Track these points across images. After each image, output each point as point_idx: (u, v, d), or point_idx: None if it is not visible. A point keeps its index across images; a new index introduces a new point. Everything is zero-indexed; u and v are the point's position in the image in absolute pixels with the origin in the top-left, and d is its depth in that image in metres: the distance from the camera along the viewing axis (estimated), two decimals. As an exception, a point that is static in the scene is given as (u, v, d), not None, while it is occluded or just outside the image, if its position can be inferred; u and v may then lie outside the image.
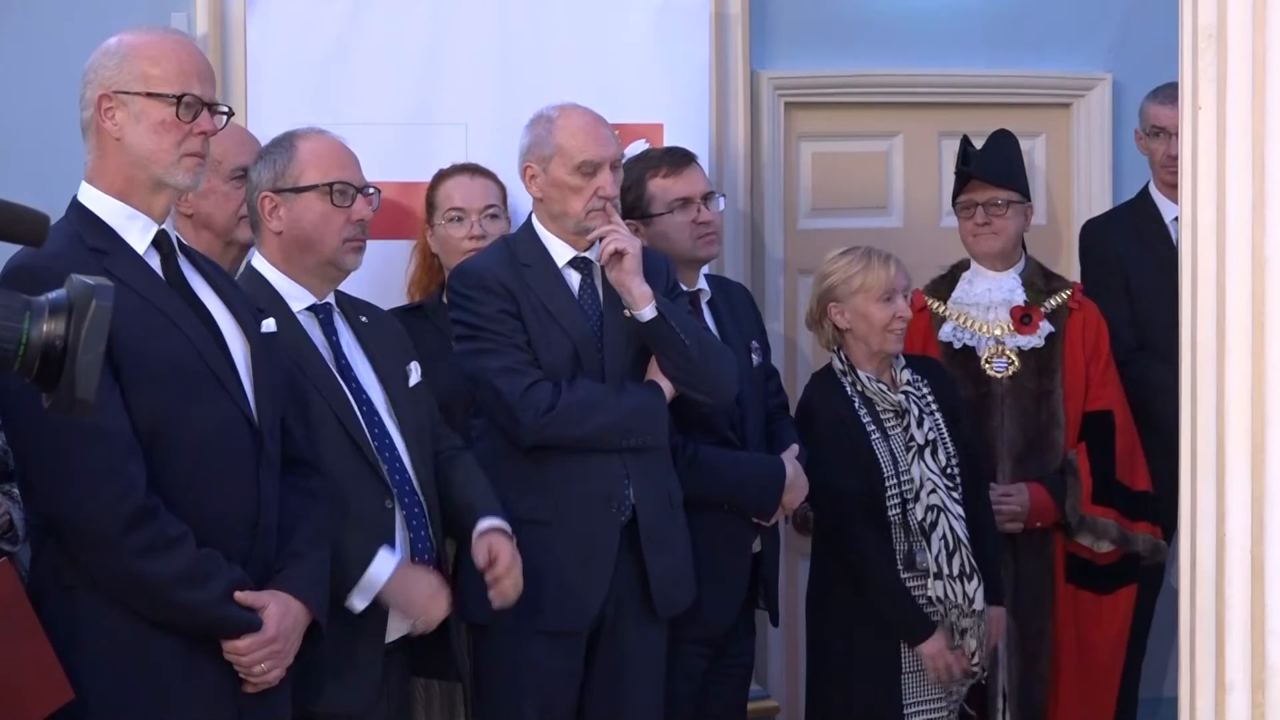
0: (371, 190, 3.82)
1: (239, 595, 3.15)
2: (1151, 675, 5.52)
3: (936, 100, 5.76)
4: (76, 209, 3.19)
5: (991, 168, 4.98)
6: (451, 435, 3.98)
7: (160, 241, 3.21)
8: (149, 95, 3.14)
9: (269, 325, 3.43)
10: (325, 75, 5.07)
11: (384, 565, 3.59)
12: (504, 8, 5.22)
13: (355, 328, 3.84)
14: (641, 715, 4.23)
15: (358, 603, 3.57)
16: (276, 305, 3.68)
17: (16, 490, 4.45)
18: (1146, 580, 5.20)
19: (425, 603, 3.67)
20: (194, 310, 3.20)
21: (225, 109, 3.27)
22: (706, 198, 4.66)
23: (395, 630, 3.70)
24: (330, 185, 3.73)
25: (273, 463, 3.27)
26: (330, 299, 3.82)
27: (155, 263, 3.20)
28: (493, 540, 3.79)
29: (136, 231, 3.18)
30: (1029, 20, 5.80)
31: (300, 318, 3.73)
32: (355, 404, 3.71)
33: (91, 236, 3.13)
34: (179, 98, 3.15)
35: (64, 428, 2.91)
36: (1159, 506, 4.91)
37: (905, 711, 4.47)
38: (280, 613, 3.19)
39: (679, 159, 4.66)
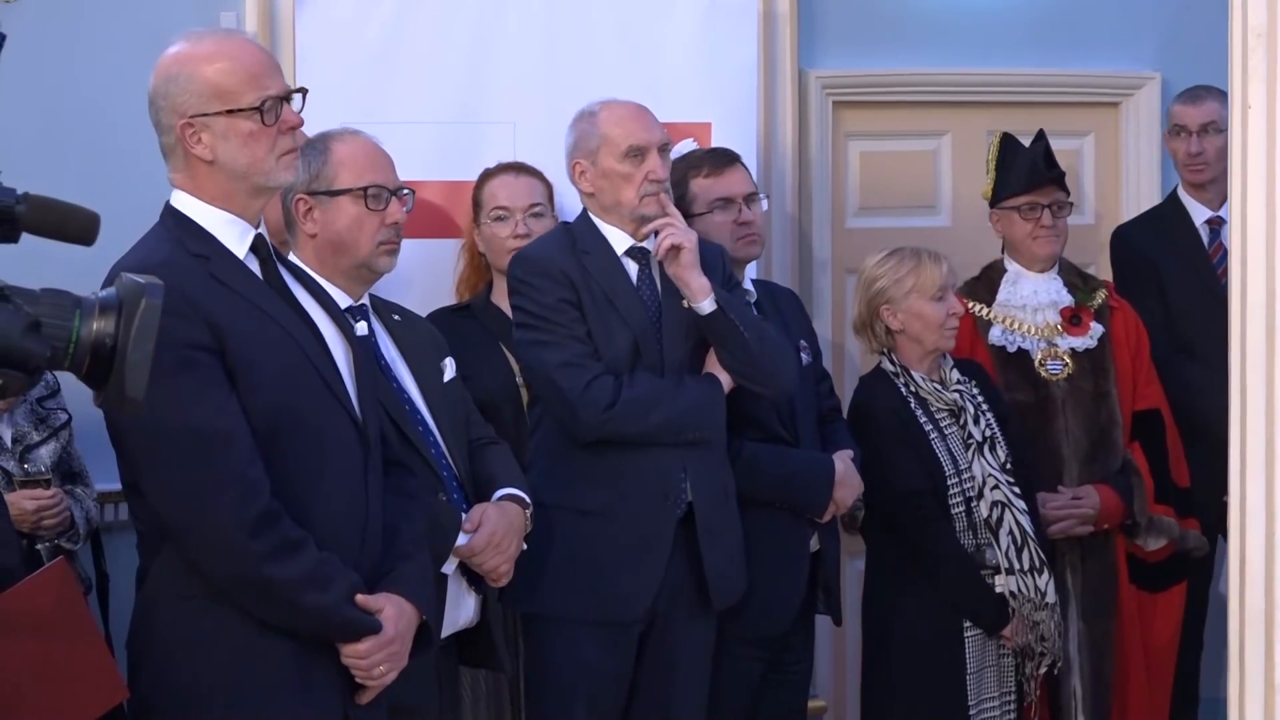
0: (406, 191, 3.80)
1: (359, 598, 3.12)
2: (1211, 675, 5.47)
3: (985, 99, 5.74)
4: (173, 215, 3.12)
5: (1060, 170, 4.97)
6: (485, 426, 3.99)
7: (258, 246, 3.15)
8: (230, 113, 3.07)
9: (362, 329, 3.40)
10: (373, 74, 5.08)
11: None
12: (551, 7, 5.22)
13: (389, 327, 3.85)
14: (687, 710, 4.23)
15: (447, 568, 3.69)
16: None
17: (79, 490, 4.50)
18: (1196, 573, 5.19)
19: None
20: (297, 314, 3.16)
21: (298, 91, 3.17)
22: (749, 198, 4.64)
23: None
24: (365, 189, 3.73)
25: (378, 466, 3.24)
26: (365, 300, 3.82)
27: (254, 267, 3.14)
28: (488, 508, 3.78)
29: (235, 237, 3.11)
30: (1077, 19, 5.78)
31: None
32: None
33: (192, 243, 3.07)
34: (259, 107, 3.08)
35: (183, 433, 2.91)
36: (1198, 503, 4.94)
37: (970, 713, 4.45)
38: (396, 614, 3.16)
39: (721, 159, 4.65)
